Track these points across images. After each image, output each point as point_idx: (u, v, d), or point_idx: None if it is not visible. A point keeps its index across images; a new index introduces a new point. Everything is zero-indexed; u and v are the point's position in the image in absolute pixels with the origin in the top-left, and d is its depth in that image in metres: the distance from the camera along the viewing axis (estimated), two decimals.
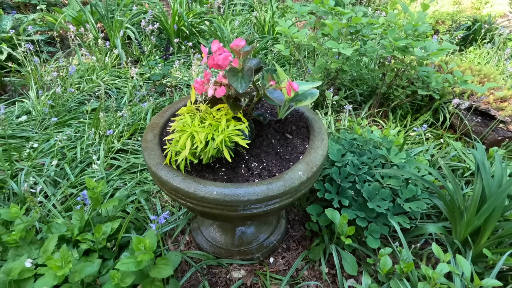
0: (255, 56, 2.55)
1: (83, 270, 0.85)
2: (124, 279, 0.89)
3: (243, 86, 0.80)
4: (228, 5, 3.68)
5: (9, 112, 2.06)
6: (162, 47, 2.84)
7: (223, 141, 0.78)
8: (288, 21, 1.82)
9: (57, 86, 1.99)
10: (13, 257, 0.99)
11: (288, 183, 0.81)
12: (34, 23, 3.00)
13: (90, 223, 1.17)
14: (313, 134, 1.00)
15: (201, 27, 2.91)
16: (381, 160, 1.33)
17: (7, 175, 1.47)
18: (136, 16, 2.83)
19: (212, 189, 0.78)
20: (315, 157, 0.90)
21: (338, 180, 1.22)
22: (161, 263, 0.93)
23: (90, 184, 1.10)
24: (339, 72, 1.94)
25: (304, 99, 0.96)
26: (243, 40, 0.86)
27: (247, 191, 0.78)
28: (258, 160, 0.92)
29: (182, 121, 0.82)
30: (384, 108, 2.06)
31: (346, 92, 2.23)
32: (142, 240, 0.88)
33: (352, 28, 1.72)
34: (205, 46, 2.67)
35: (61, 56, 2.53)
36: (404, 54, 1.66)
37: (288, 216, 1.41)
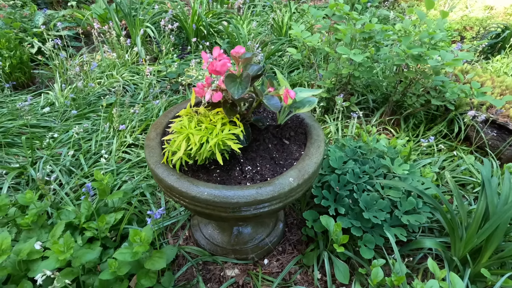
0: (269, 57, 2.57)
1: (84, 257, 0.91)
2: (121, 267, 0.95)
3: (239, 92, 0.82)
4: (248, 6, 3.71)
5: (36, 103, 2.20)
6: (181, 46, 2.92)
7: (216, 144, 0.81)
8: (301, 25, 1.83)
9: (78, 81, 2.11)
10: (24, 239, 1.08)
11: (278, 189, 0.83)
12: (64, 19, 3.18)
13: (96, 213, 1.24)
14: (310, 141, 1.01)
15: (219, 27, 2.96)
16: (383, 170, 1.31)
17: (28, 162, 1.58)
18: (158, 15, 2.93)
19: (203, 189, 0.82)
20: (308, 164, 0.91)
21: (337, 188, 1.22)
22: (156, 256, 0.98)
23: (97, 176, 1.17)
24: (350, 77, 1.92)
25: (302, 106, 0.98)
26: (242, 47, 0.88)
27: (236, 194, 0.81)
28: (252, 164, 0.94)
29: (180, 123, 0.86)
30: (396, 116, 2.02)
31: (359, 98, 2.21)
32: (138, 232, 0.93)
33: (366, 34, 1.70)
34: (221, 46, 2.72)
35: (85, 51, 2.67)
36: (417, 62, 1.62)
37: (287, 219, 1.43)
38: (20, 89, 2.34)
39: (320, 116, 2.04)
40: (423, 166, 1.65)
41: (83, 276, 0.99)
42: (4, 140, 1.80)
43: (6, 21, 2.79)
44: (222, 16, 3.10)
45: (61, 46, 2.64)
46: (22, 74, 2.29)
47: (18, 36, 2.69)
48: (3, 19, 2.82)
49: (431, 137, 1.65)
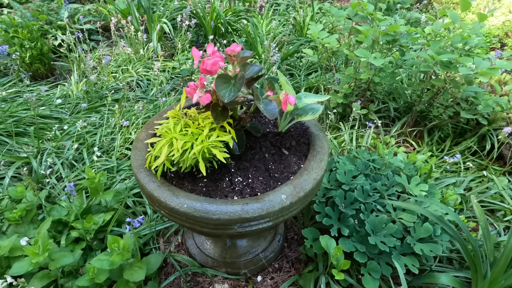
0: (286, 58, 2.46)
1: (60, 260, 0.87)
2: (99, 275, 0.89)
3: (230, 95, 0.73)
4: (271, 4, 3.62)
5: (52, 94, 2.24)
6: (198, 42, 2.88)
7: (201, 152, 0.73)
8: (319, 25, 1.70)
9: (91, 74, 2.12)
10: (12, 234, 1.06)
11: (267, 207, 0.73)
12: (88, 13, 3.24)
13: (88, 211, 1.20)
14: (311, 153, 0.90)
15: (238, 25, 2.89)
16: (397, 189, 1.17)
17: (33, 153, 1.59)
18: (178, 11, 2.91)
19: (183, 201, 0.74)
20: (306, 180, 0.81)
21: (342, 205, 1.10)
22: (136, 266, 0.92)
23: (89, 174, 1.12)
24: (370, 83, 1.77)
25: (304, 114, 0.87)
26: (239, 45, 0.80)
27: (219, 209, 0.72)
28: (244, 175, 0.85)
29: (166, 126, 0.79)
30: (419, 128, 1.84)
31: (379, 105, 2.05)
32: (117, 240, 0.87)
33: (389, 37, 1.55)
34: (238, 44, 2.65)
35: (102, 46, 2.70)
36: (447, 70, 1.45)
37: (287, 233, 1.32)
38: (39, 80, 2.40)
39: (335, 123, 1.90)
40: (445, 186, 1.47)
41: (62, 279, 0.95)
42: (17, 130, 1.82)
43: (34, 13, 2.88)
44: (242, 14, 3.02)
45: (82, 39, 2.69)
46: (42, 65, 2.35)
47: (43, 29, 2.77)
48: (32, 11, 2.92)
49: (457, 155, 1.47)
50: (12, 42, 2.22)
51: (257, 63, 2.44)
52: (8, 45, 2.25)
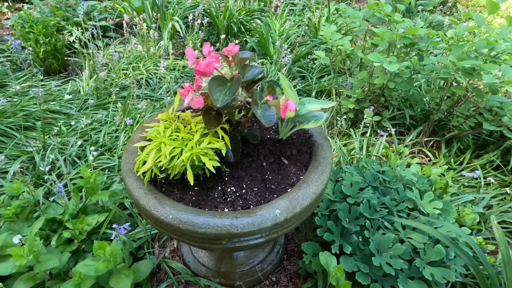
0: (299, 60, 2.39)
1: (45, 264, 0.84)
2: (85, 280, 0.86)
3: (224, 99, 0.68)
4: (287, 4, 3.54)
5: (63, 89, 2.26)
6: (210, 41, 2.85)
7: (190, 159, 0.68)
8: (332, 26, 1.62)
9: (102, 71, 2.12)
10: (6, 231, 1.04)
11: (258, 222, 0.67)
12: (105, 10, 3.28)
13: (84, 211, 1.18)
14: (313, 164, 0.83)
15: (251, 25, 2.83)
16: (408, 204, 1.08)
17: (37, 148, 1.59)
18: (191, 9, 2.88)
19: (169, 211, 0.69)
20: (304, 194, 0.74)
21: (346, 220, 1.02)
22: (123, 273, 0.88)
23: (84, 174, 1.10)
24: (384, 89, 1.67)
25: (305, 122, 0.81)
26: (236, 45, 0.74)
27: (206, 222, 0.66)
28: (238, 184, 0.79)
29: (156, 129, 0.74)
30: (437, 138, 1.73)
31: (394, 112, 1.94)
32: (103, 245, 0.84)
33: (407, 40, 1.45)
34: (251, 44, 2.59)
35: (115, 43, 2.71)
36: (469, 77, 1.34)
37: (287, 244, 1.26)
38: (52, 75, 2.43)
39: (346, 130, 1.81)
40: (463, 203, 1.36)
41: (50, 282, 0.92)
42: (26, 124, 1.84)
43: (52, 9, 2.94)
44: (255, 14, 2.97)
45: (96, 36, 2.71)
46: (55, 61, 2.38)
47: (60, 25, 2.81)
48: (50, 7, 2.98)
49: (476, 171, 1.35)
50: (28, 37, 2.25)
51: (268, 64, 2.38)
52: (24, 40, 2.29)
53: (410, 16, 3.57)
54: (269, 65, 2.34)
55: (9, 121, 1.83)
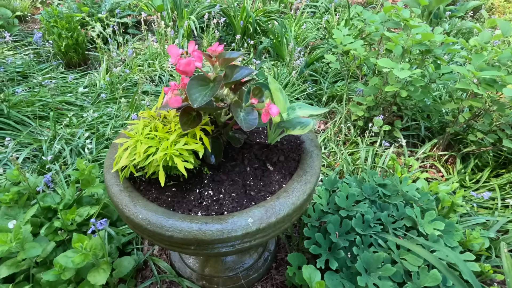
0: (312, 63, 2.33)
1: (28, 251, 0.86)
2: (66, 271, 0.87)
3: (203, 100, 0.66)
4: (309, 6, 3.48)
5: (81, 82, 2.35)
6: (226, 41, 2.85)
7: (163, 159, 0.66)
8: (344, 29, 1.56)
9: (117, 66, 2.18)
10: (3, 216, 1.09)
11: (228, 230, 0.64)
12: (128, 8, 3.38)
13: (79, 202, 1.20)
14: (297, 173, 0.79)
15: (268, 26, 2.81)
16: (406, 223, 1.01)
17: (47, 138, 1.66)
18: (208, 8, 2.91)
19: (140, 210, 0.67)
20: (282, 204, 0.70)
21: (336, 233, 0.97)
22: (102, 267, 0.88)
23: (79, 166, 1.12)
24: (396, 97, 1.59)
25: (291, 128, 0.77)
26: (221, 45, 0.71)
27: (174, 226, 0.64)
28: (217, 188, 0.77)
29: (135, 126, 0.73)
30: (452, 153, 1.61)
31: (409, 122, 1.84)
32: (82, 239, 0.84)
33: (422, 46, 1.36)
34: (265, 45, 2.57)
35: (132, 39, 2.78)
36: (489, 89, 1.23)
37: (278, 253, 1.22)
38: (72, 68, 2.53)
39: (354, 138, 1.74)
40: (474, 225, 1.25)
41: (35, 269, 0.95)
42: (41, 113, 1.93)
43: (79, 5, 3.07)
44: (273, 15, 2.93)
45: (117, 32, 2.79)
46: (76, 54, 2.47)
47: (85, 20, 2.93)
48: (78, 3, 3.12)
49: (487, 192, 1.24)
50: (52, 31, 2.36)
51: (280, 66, 2.34)
52: (49, 34, 2.40)
53: (438, 22, 3.39)
54: (280, 67, 2.30)
55: (27, 110, 1.92)
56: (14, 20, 3.06)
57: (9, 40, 2.28)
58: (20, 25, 3.13)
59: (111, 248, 1.08)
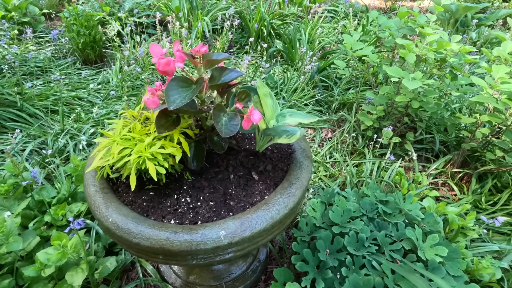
0: (325, 68, 2.26)
1: (10, 245, 0.86)
2: (46, 268, 0.86)
3: (181, 102, 0.62)
4: (328, 11, 3.41)
5: (96, 78, 2.41)
6: (239, 44, 2.84)
7: (136, 162, 0.63)
8: (355, 35, 1.49)
9: (128, 65, 2.21)
10: None
11: (197, 241, 0.60)
12: (148, 8, 3.45)
13: (73, 198, 1.21)
14: (282, 185, 0.74)
15: (282, 30, 2.77)
16: (405, 245, 0.93)
17: (54, 132, 1.69)
18: (224, 10, 2.91)
19: (110, 213, 0.65)
20: (260, 217, 0.65)
21: (327, 251, 0.90)
22: (81, 268, 0.86)
23: (73, 162, 1.12)
24: (408, 108, 1.49)
25: (276, 136, 0.72)
26: (205, 46, 0.68)
27: (142, 233, 0.61)
28: (195, 195, 0.73)
29: (114, 126, 0.71)
30: (467, 170, 1.49)
31: (423, 135, 1.73)
32: (61, 236, 0.83)
33: (437, 55, 1.27)
34: (277, 47, 2.53)
35: (149, 39, 2.82)
36: (510, 104, 1.12)
37: (268, 265, 1.16)
38: (88, 65, 2.61)
39: (361, 148, 1.65)
40: (486, 252, 1.14)
41: (19, 263, 0.95)
42: (54, 108, 1.98)
43: (101, 4, 3.17)
44: (288, 18, 2.89)
45: (135, 31, 2.85)
46: (93, 52, 2.54)
47: (105, 19, 3.02)
48: (100, 3, 3.22)
49: (499, 217, 1.13)
50: (72, 29, 2.44)
51: (291, 70, 2.29)
52: (68, 31, 2.49)
53: (464, 30, 3.21)
54: (291, 72, 2.25)
55: (41, 103, 1.99)
56: (40, 17, 3.20)
57: (30, 36, 2.38)
58: (45, 22, 3.27)
59: (97, 247, 1.07)
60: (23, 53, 2.47)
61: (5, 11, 2.97)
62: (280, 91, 2.12)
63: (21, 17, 2.97)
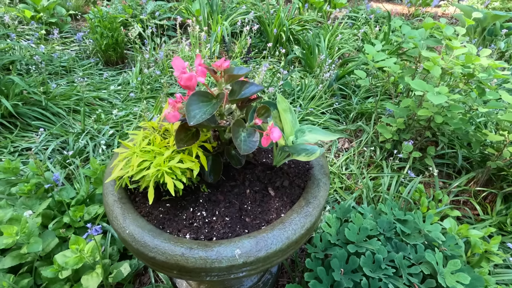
0: (344, 76, 2.22)
1: (31, 246, 0.88)
2: (63, 270, 0.88)
3: (201, 117, 0.62)
4: (349, 17, 3.36)
5: (116, 79, 2.47)
6: (257, 48, 2.84)
7: (155, 175, 0.64)
8: (377, 45, 1.45)
9: (147, 67, 2.25)
10: (21, 205, 1.14)
11: (211, 259, 0.60)
12: (169, 10, 3.51)
13: (91, 199, 1.24)
14: (299, 203, 0.73)
15: (301, 35, 2.74)
16: (424, 269, 0.89)
17: (75, 132, 1.74)
18: (243, 15, 2.91)
19: (127, 225, 0.66)
20: (276, 236, 0.64)
21: (341, 271, 0.88)
22: (95, 272, 0.88)
23: (92, 165, 1.15)
24: (431, 122, 1.44)
25: (296, 153, 0.70)
26: (227, 61, 0.68)
27: (157, 247, 0.61)
28: (211, 209, 0.73)
29: (135, 137, 0.72)
30: (492, 190, 1.43)
31: (445, 149, 1.67)
32: (79, 241, 0.85)
33: (465, 69, 1.22)
34: (295, 54, 2.51)
35: (169, 42, 2.87)
36: None
37: (280, 278, 1.15)
38: (110, 66, 2.67)
39: (379, 161, 1.61)
40: None
41: (38, 262, 0.98)
42: (76, 107, 2.04)
43: (124, 7, 3.25)
44: (307, 24, 2.86)
45: (156, 33, 2.90)
46: (115, 53, 2.61)
47: (128, 21, 3.09)
48: (123, 5, 3.30)
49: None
50: (95, 31, 2.52)
51: (310, 77, 2.27)
52: (92, 32, 2.56)
53: (492, 39, 3.08)
54: (309, 79, 2.22)
55: (64, 103, 2.05)
56: (67, 18, 3.31)
57: (57, 37, 2.46)
58: (71, 23, 3.38)
59: (112, 250, 1.09)
60: (49, 53, 2.56)
61: (34, 12, 3.10)
62: (297, 98, 2.10)
63: (48, 18, 3.09)
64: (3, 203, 1.09)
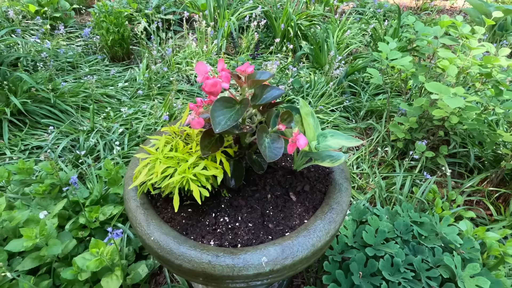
0: (353, 73, 2.19)
1: (50, 249, 0.89)
2: (82, 272, 0.89)
3: (226, 124, 0.61)
4: (357, 11, 3.31)
5: (123, 76, 2.45)
6: (264, 44, 2.80)
7: (179, 182, 0.63)
8: (392, 43, 1.43)
9: (154, 63, 2.23)
10: (35, 206, 1.15)
11: (239, 267, 0.60)
12: (174, 5, 3.46)
13: (105, 199, 1.24)
14: (322, 209, 0.72)
15: (309, 31, 2.71)
16: (443, 272, 0.89)
17: (85, 129, 1.74)
18: (250, 9, 2.87)
19: (152, 232, 0.65)
20: (301, 243, 0.64)
21: (360, 274, 0.88)
22: (115, 274, 0.88)
23: (107, 166, 1.15)
24: (445, 122, 1.42)
25: (320, 160, 0.70)
26: (251, 66, 0.66)
27: (184, 254, 0.61)
28: (233, 215, 0.73)
29: (157, 142, 0.71)
30: (506, 190, 1.42)
31: (457, 148, 1.65)
32: (100, 245, 0.85)
33: (482, 70, 1.20)
34: (304, 50, 2.48)
35: (175, 37, 2.83)
36: None
37: (294, 278, 1.15)
38: (116, 62, 2.65)
39: (390, 160, 1.60)
40: None
41: (57, 263, 0.98)
42: (84, 104, 2.03)
43: (129, 1, 3.21)
44: (316, 19, 2.82)
45: (161, 28, 2.87)
46: (121, 49, 2.58)
47: (132, 16, 3.05)
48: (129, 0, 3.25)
49: None
50: (101, 26, 2.49)
51: (318, 74, 2.24)
52: (98, 28, 2.53)
53: (502, 34, 3.03)
54: (318, 76, 2.20)
55: (72, 100, 2.04)
56: (71, 12, 3.28)
57: (62, 32, 2.44)
58: (75, 17, 3.34)
59: (128, 250, 1.10)
60: (55, 48, 2.54)
61: (38, 6, 3.06)
62: (306, 96, 2.08)
63: (53, 12, 3.05)
64: (18, 204, 1.09)
